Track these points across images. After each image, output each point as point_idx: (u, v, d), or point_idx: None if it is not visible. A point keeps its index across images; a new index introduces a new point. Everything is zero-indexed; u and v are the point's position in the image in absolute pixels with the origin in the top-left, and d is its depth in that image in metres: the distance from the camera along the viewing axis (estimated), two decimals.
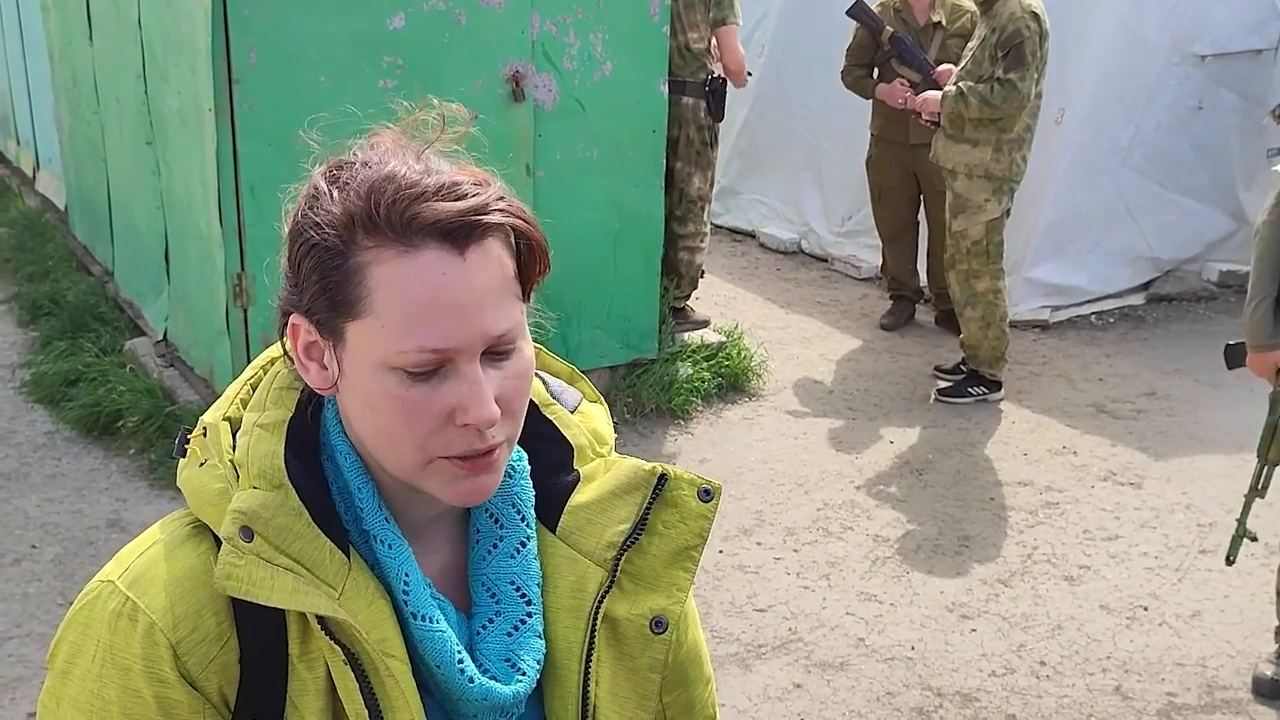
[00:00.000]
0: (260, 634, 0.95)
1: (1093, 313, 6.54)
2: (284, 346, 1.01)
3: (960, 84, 5.02)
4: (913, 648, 3.58)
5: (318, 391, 0.99)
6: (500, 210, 0.93)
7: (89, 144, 6.19)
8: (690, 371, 5.37)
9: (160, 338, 5.28)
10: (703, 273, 5.99)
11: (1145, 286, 6.75)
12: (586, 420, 1.12)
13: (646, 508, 1.05)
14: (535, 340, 1.02)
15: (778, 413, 5.31)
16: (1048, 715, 3.28)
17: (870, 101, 6.06)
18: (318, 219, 0.93)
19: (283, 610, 0.95)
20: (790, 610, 3.77)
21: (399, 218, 0.90)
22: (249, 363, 4.19)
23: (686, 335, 5.70)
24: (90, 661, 0.94)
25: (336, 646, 0.94)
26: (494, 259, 0.93)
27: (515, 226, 0.94)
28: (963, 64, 5.12)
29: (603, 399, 1.17)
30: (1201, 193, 6.73)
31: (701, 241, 5.85)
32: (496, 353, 0.95)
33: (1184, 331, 6.39)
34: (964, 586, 3.92)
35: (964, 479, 4.67)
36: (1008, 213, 5.18)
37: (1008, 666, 3.50)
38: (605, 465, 1.09)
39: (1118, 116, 6.37)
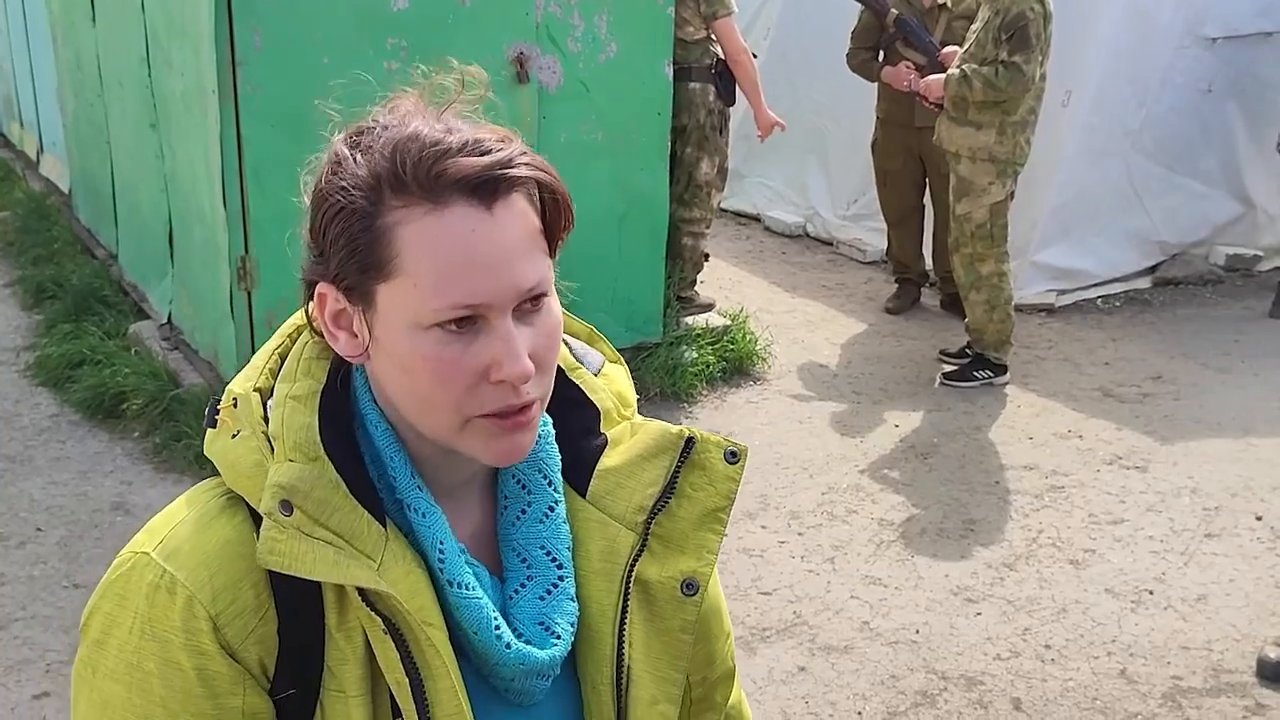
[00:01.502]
0: (297, 605, 0.95)
1: (1099, 296, 6.52)
2: (309, 318, 1.00)
3: (964, 66, 4.99)
4: (917, 631, 3.58)
5: (349, 360, 0.99)
6: (525, 164, 0.93)
7: (92, 127, 6.18)
8: (695, 355, 5.36)
9: (164, 321, 5.28)
10: (707, 257, 5.97)
11: (1151, 270, 6.73)
12: (610, 383, 1.13)
13: (675, 471, 1.06)
14: None
15: (782, 396, 5.30)
16: (1052, 699, 3.28)
17: (875, 84, 6.04)
18: (343, 183, 0.92)
19: (318, 582, 0.95)
20: (795, 594, 3.77)
21: (425, 175, 0.90)
22: (253, 346, 4.21)
23: (691, 319, 5.69)
24: (127, 634, 0.94)
25: (376, 616, 0.94)
26: (520, 213, 0.93)
27: (539, 180, 0.95)
28: (966, 46, 5.08)
29: (622, 359, 1.17)
30: (1209, 176, 6.70)
31: (705, 227, 5.83)
32: (527, 309, 0.95)
33: (1190, 315, 6.37)
34: (969, 570, 3.91)
35: (969, 463, 4.66)
36: (1012, 195, 5.16)
37: (1012, 650, 3.50)
38: (631, 428, 1.10)
39: (1127, 99, 6.34)
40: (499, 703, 1.01)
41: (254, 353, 4.03)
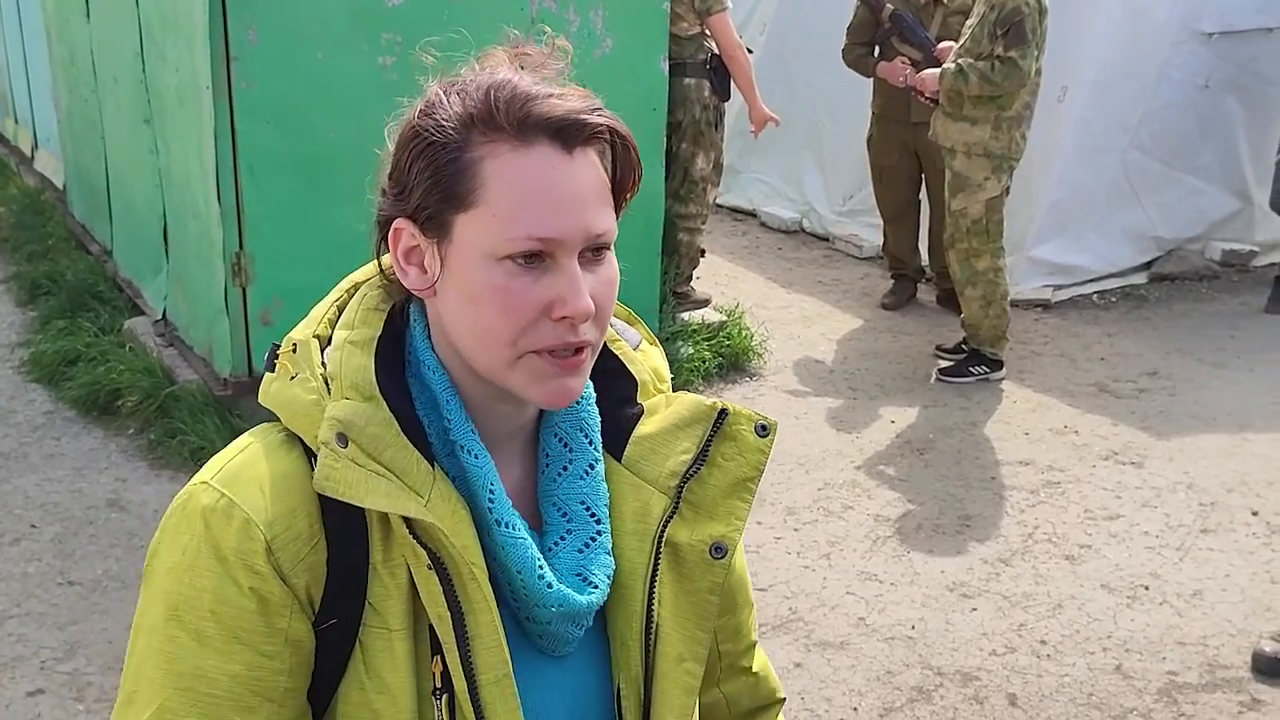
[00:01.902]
0: (346, 538, 1.00)
1: (1095, 292, 6.52)
2: (380, 263, 1.07)
3: (960, 61, 4.99)
4: (913, 627, 3.58)
5: (415, 293, 1.04)
6: (605, 117, 1.01)
7: (87, 123, 6.16)
8: (691, 351, 5.36)
9: (159, 317, 5.27)
10: (703, 252, 5.96)
11: (1147, 266, 6.73)
12: (647, 359, 1.18)
13: (707, 440, 1.11)
14: None
15: (778, 392, 5.30)
16: (1048, 694, 3.28)
17: (871, 80, 6.03)
18: (436, 120, 0.99)
19: (365, 519, 1.00)
20: (791, 589, 3.76)
21: (516, 114, 0.97)
22: (248, 342, 4.18)
23: (687, 315, 5.69)
24: (183, 554, 0.98)
25: (421, 550, 0.98)
26: (594, 165, 1.00)
27: (615, 131, 1.02)
28: (962, 41, 5.08)
29: (659, 342, 1.23)
30: (1207, 171, 6.70)
31: (702, 223, 5.82)
32: (591, 255, 1.00)
33: (1186, 311, 6.37)
34: (965, 566, 3.91)
35: (965, 458, 4.66)
36: (1007, 191, 5.16)
37: (1008, 646, 3.50)
38: (666, 400, 1.15)
39: (1124, 95, 6.34)
40: (532, 650, 1.06)
41: (249, 349, 4.07)
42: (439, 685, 1.00)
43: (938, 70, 5.14)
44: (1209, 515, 4.25)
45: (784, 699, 1.36)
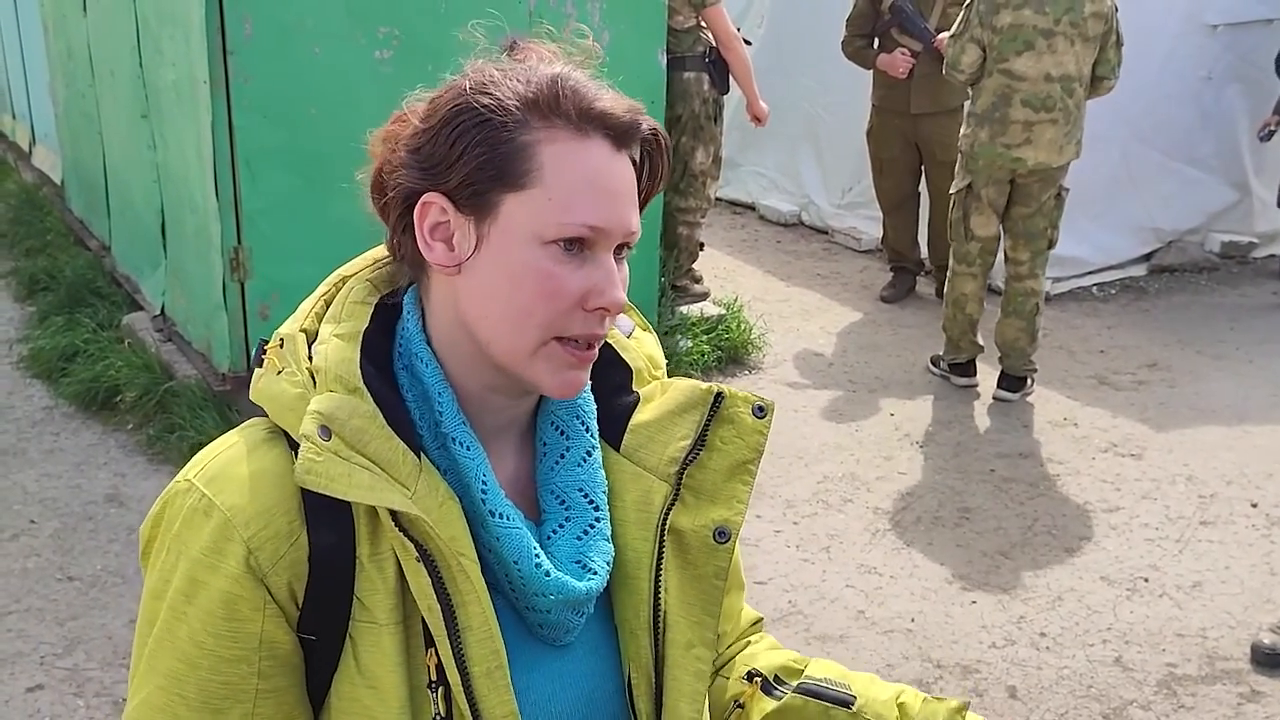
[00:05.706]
0: (329, 534, 0.99)
1: (1094, 284, 6.52)
2: (393, 241, 1.06)
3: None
4: (912, 620, 3.58)
5: (439, 269, 1.02)
6: (652, 121, 1.05)
7: (84, 118, 6.15)
8: (690, 345, 5.35)
9: (158, 312, 5.26)
10: (702, 245, 5.95)
11: (1147, 258, 6.72)
12: (641, 346, 1.19)
13: (705, 425, 1.11)
14: None
15: (777, 385, 5.29)
16: (1047, 686, 3.28)
17: (871, 72, 6.02)
18: (495, 100, 0.99)
19: (352, 513, 0.99)
20: (790, 583, 3.76)
21: (580, 105, 1.00)
22: (246, 337, 4.17)
23: (686, 308, 5.68)
24: (165, 554, 1.00)
25: (409, 543, 0.97)
26: (630, 166, 1.03)
27: (659, 136, 1.06)
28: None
29: (651, 327, 1.23)
30: (1207, 163, 6.68)
31: (701, 217, 5.81)
32: (618, 254, 1.03)
33: (1185, 303, 6.37)
34: (964, 559, 3.91)
35: (964, 451, 4.66)
36: (970, 190, 5.00)
37: (1008, 638, 3.49)
38: (662, 387, 1.16)
39: (1126, 86, 6.31)
40: (533, 641, 1.05)
41: (247, 344, 4.06)
42: (434, 679, 0.99)
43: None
44: (1208, 507, 4.25)
45: (761, 618, 1.37)
